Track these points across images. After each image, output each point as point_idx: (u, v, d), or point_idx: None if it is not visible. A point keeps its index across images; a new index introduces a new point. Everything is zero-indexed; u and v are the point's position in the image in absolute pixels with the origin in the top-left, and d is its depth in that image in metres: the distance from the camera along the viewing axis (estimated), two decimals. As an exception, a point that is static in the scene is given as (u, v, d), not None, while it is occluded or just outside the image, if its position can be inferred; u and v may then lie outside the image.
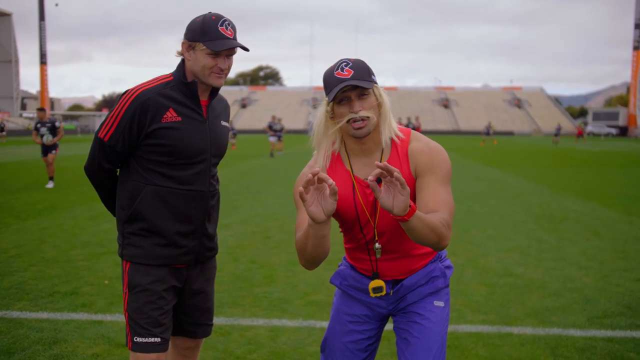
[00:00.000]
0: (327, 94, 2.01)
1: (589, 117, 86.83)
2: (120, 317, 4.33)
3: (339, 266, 2.37)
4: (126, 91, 2.32)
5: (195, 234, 2.40)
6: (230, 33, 2.26)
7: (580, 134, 46.10)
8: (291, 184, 13.86)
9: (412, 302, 2.21)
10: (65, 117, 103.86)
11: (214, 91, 2.41)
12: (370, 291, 2.16)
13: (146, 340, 2.32)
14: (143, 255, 2.34)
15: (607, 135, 73.07)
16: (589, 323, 4.31)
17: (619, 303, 4.77)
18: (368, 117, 1.99)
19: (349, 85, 1.95)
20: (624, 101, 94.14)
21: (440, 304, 2.21)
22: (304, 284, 5.31)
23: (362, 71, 1.99)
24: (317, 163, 2.13)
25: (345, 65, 1.99)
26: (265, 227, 8.12)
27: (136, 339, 2.33)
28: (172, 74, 2.36)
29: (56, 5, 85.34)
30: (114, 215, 2.49)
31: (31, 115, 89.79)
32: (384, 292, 2.15)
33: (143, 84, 2.33)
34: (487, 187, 13.60)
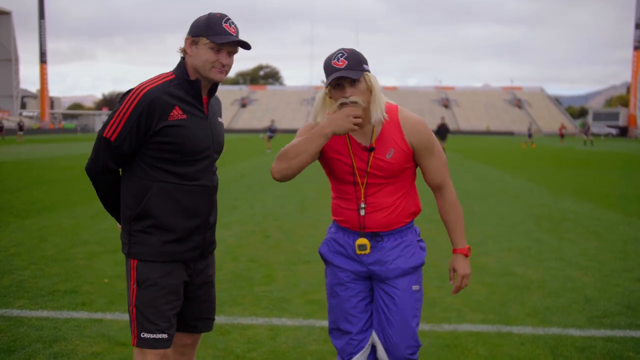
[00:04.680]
0: (326, 78, 2.36)
1: (589, 117, 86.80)
2: (119, 316, 4.33)
3: (326, 236, 2.66)
4: (130, 90, 2.32)
5: (200, 228, 2.43)
6: (233, 30, 2.31)
7: None
8: (291, 183, 13.84)
9: (392, 277, 2.50)
10: (65, 116, 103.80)
11: (212, 89, 2.45)
12: (356, 247, 2.47)
13: (154, 336, 2.33)
14: (152, 252, 2.35)
15: (607, 135, 73.04)
16: (588, 323, 4.32)
17: (619, 303, 4.77)
18: (356, 101, 2.32)
19: (342, 77, 2.29)
20: (624, 101, 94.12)
21: (417, 287, 2.54)
22: (303, 283, 5.31)
23: (354, 62, 2.32)
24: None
25: (341, 56, 2.32)
26: (265, 226, 8.13)
27: (143, 334, 2.33)
28: (174, 72, 2.38)
29: None
30: (113, 215, 2.50)
31: (31, 114, 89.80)
32: (368, 251, 2.46)
33: (147, 82, 2.34)
34: (487, 187, 13.61)
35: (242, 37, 2.38)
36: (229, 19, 2.33)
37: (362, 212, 2.46)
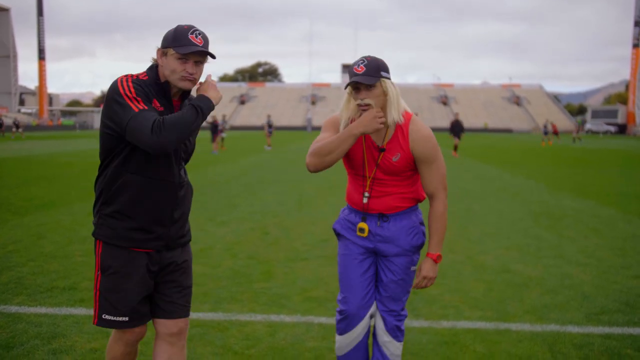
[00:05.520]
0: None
1: (588, 115, 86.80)
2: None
3: (339, 216, 3.03)
4: (115, 81, 2.44)
5: (164, 221, 2.56)
6: (199, 41, 2.44)
7: None
8: (291, 180, 13.88)
9: (394, 255, 2.84)
10: (64, 113, 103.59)
11: (184, 95, 2.59)
12: (357, 230, 2.85)
13: (114, 318, 2.52)
14: (115, 236, 2.51)
15: (605, 133, 73.08)
16: (586, 320, 4.32)
17: (617, 300, 4.78)
18: (369, 104, 2.63)
19: (356, 80, 2.61)
20: (623, 99, 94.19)
21: (415, 268, 2.89)
22: (302, 280, 5.32)
23: (372, 69, 2.62)
24: (341, 126, 2.80)
25: (362, 63, 2.63)
26: (264, 223, 8.12)
27: (104, 316, 2.53)
28: (147, 74, 2.52)
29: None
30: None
31: (29, 110, 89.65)
32: (365, 234, 2.83)
33: (127, 75, 2.49)
34: (486, 185, 13.62)
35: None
36: (196, 30, 2.46)
37: (365, 200, 2.83)
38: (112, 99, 2.39)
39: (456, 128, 24.15)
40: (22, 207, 9.26)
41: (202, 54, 2.45)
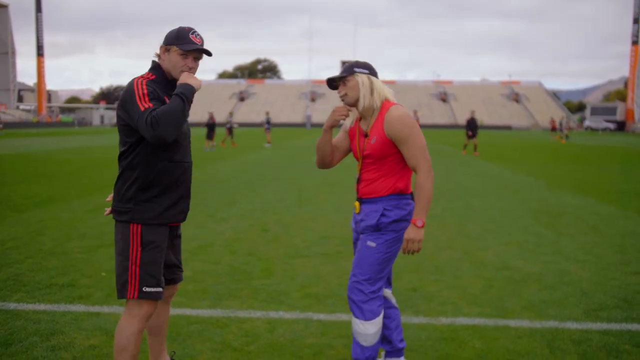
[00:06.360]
0: None
1: (587, 112, 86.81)
2: (117, 309, 4.33)
3: None
4: (131, 82, 2.77)
5: (187, 197, 2.98)
6: (199, 41, 2.87)
7: None
8: (290, 177, 13.88)
9: (360, 234, 3.18)
10: (63, 110, 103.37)
11: None
12: (354, 209, 3.24)
13: (154, 289, 2.81)
14: (154, 216, 2.83)
15: (604, 130, 73.11)
16: (585, 316, 4.33)
17: (615, 296, 4.79)
18: (345, 94, 3.09)
19: (331, 78, 3.11)
20: (622, 96, 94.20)
21: (372, 244, 3.10)
22: (301, 276, 5.32)
23: (346, 69, 3.09)
24: (348, 120, 3.26)
25: (341, 67, 2.99)
26: (264, 220, 8.12)
27: (145, 288, 2.79)
28: (153, 73, 2.88)
29: None
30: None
31: (28, 107, 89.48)
32: (357, 211, 3.20)
33: (141, 76, 2.84)
34: (486, 182, 13.62)
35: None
36: (195, 31, 2.88)
37: (356, 181, 3.21)
38: (129, 99, 2.71)
39: (472, 125, 23.39)
40: (21, 203, 9.26)
41: (201, 52, 2.87)
